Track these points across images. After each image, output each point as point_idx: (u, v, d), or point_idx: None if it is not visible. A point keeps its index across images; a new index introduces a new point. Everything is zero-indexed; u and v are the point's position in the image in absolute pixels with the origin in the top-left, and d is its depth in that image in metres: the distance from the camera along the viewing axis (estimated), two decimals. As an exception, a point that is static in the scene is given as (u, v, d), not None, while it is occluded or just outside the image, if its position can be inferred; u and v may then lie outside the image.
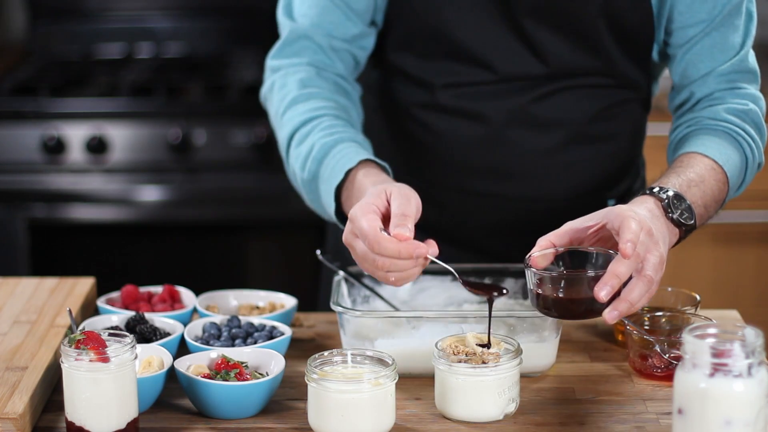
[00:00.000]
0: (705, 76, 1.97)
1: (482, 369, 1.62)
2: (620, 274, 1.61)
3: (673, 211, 1.77)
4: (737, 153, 1.93)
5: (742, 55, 1.97)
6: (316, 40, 2.03)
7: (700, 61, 1.97)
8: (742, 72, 1.98)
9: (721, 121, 1.95)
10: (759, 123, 1.98)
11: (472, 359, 1.62)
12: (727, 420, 1.41)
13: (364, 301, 1.94)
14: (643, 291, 1.63)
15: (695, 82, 1.99)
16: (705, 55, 1.97)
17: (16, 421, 1.58)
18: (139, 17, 3.81)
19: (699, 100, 2.00)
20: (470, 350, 1.64)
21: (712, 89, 1.98)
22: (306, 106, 1.98)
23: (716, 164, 1.89)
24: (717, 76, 1.97)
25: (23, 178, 3.31)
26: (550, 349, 1.79)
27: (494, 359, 1.62)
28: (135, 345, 1.58)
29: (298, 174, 1.95)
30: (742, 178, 1.97)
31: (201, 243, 3.45)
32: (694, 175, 1.85)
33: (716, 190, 1.89)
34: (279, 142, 2.01)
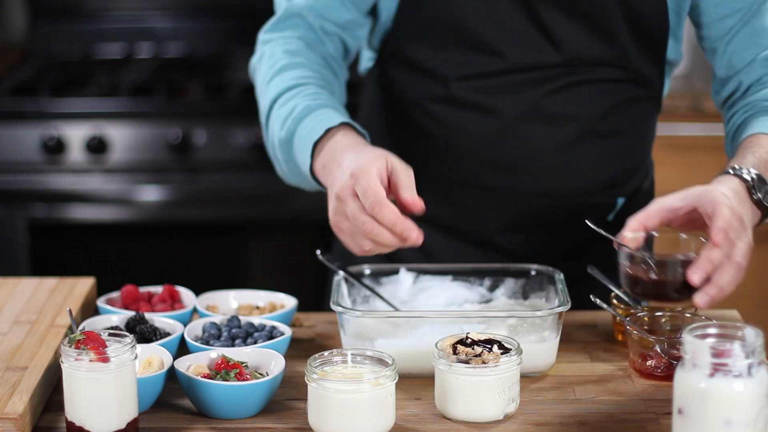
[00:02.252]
0: (751, 63, 1.97)
1: (482, 369, 1.61)
2: (713, 259, 1.63)
3: (757, 192, 1.76)
4: None
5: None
6: (309, 19, 2.05)
7: (744, 50, 1.97)
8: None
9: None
10: None
11: (472, 359, 1.62)
12: (727, 420, 1.41)
13: (364, 301, 1.94)
14: (733, 276, 1.66)
15: (742, 70, 1.98)
16: (748, 43, 1.96)
17: (16, 421, 1.58)
18: (139, 17, 3.81)
19: (749, 86, 1.99)
20: (470, 350, 1.64)
21: (760, 74, 1.97)
22: (293, 74, 1.98)
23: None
24: (763, 61, 1.97)
25: (23, 178, 3.31)
26: (550, 349, 1.79)
27: (494, 359, 1.62)
28: (135, 345, 1.58)
29: (276, 134, 1.94)
30: None
31: (201, 243, 3.45)
32: (766, 154, 1.82)
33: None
34: (260, 109, 2.01)
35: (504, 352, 1.63)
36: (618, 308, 1.88)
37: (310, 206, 3.26)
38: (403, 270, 1.97)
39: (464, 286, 1.95)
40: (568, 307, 1.79)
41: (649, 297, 1.70)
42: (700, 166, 3.33)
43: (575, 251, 2.13)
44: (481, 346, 1.64)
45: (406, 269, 1.97)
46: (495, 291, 1.95)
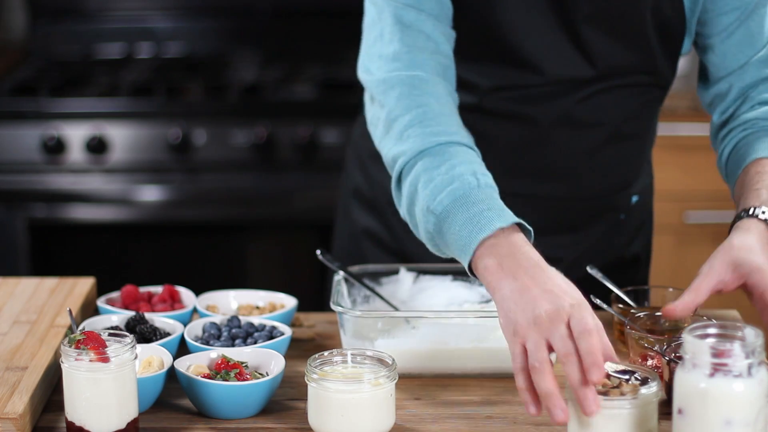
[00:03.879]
0: (744, 65, 1.94)
1: (620, 401, 1.50)
2: None
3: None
4: None
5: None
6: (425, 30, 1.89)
7: (739, 51, 1.94)
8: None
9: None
10: None
11: (610, 391, 1.51)
12: (727, 420, 1.41)
13: (364, 301, 1.94)
14: None
15: (734, 72, 1.96)
16: (744, 43, 1.94)
17: (16, 421, 1.58)
18: (139, 17, 3.81)
19: (738, 91, 1.96)
20: (607, 381, 1.52)
21: (753, 78, 1.94)
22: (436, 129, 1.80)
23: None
24: (757, 63, 1.94)
25: (23, 178, 3.31)
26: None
27: (632, 391, 1.51)
28: (135, 345, 1.58)
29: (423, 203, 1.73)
30: None
31: (201, 243, 3.45)
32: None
33: None
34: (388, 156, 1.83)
35: (642, 383, 1.52)
36: (618, 308, 1.88)
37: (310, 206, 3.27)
38: (403, 270, 1.97)
39: (464, 286, 1.95)
40: (568, 307, 1.79)
41: None
42: (700, 166, 3.34)
43: (593, 249, 2.13)
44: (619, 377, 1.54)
45: (406, 269, 1.97)
46: (495, 291, 1.95)
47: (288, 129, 3.26)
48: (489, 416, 1.67)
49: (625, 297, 1.90)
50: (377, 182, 2.20)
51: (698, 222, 3.38)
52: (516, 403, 1.71)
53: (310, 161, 3.29)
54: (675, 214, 3.37)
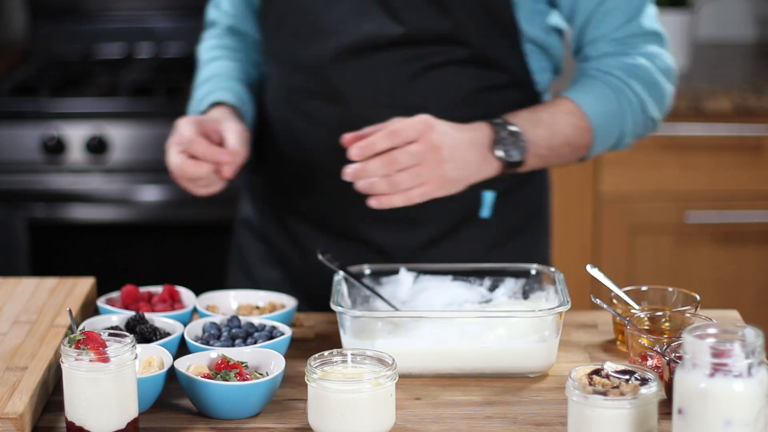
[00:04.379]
0: (596, 41, 2.03)
1: (620, 401, 1.51)
2: (366, 169, 1.84)
3: (499, 146, 1.91)
4: (609, 104, 1.99)
5: (638, 21, 2.01)
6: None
7: (593, 27, 2.02)
8: (638, 36, 2.02)
9: (605, 73, 2.02)
10: (649, 79, 2.03)
11: (610, 391, 1.52)
12: (727, 420, 1.41)
13: (364, 301, 1.94)
14: (385, 187, 1.83)
15: (588, 45, 2.04)
16: (599, 21, 2.01)
17: (16, 421, 1.58)
18: (139, 17, 3.81)
19: (593, 58, 2.05)
20: (606, 381, 1.54)
21: (603, 51, 2.03)
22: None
23: (579, 109, 1.97)
24: (609, 41, 2.02)
25: (23, 178, 3.31)
26: (550, 349, 1.79)
27: (632, 391, 1.52)
28: (135, 345, 1.58)
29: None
30: (619, 130, 2.01)
31: (201, 243, 3.45)
32: (547, 116, 1.96)
33: (571, 135, 1.97)
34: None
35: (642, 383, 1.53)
36: (618, 308, 1.88)
37: (310, 206, 3.26)
38: (403, 270, 1.97)
39: (464, 286, 1.95)
40: (568, 307, 1.79)
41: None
42: (700, 166, 3.34)
43: (436, 241, 2.14)
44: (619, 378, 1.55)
45: (406, 269, 1.97)
46: (495, 291, 1.95)
47: (288, 129, 3.26)
48: (489, 416, 1.67)
49: (625, 297, 1.90)
50: (265, 218, 2.25)
51: (698, 222, 3.38)
52: (516, 403, 1.71)
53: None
54: (675, 214, 3.38)
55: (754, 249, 3.41)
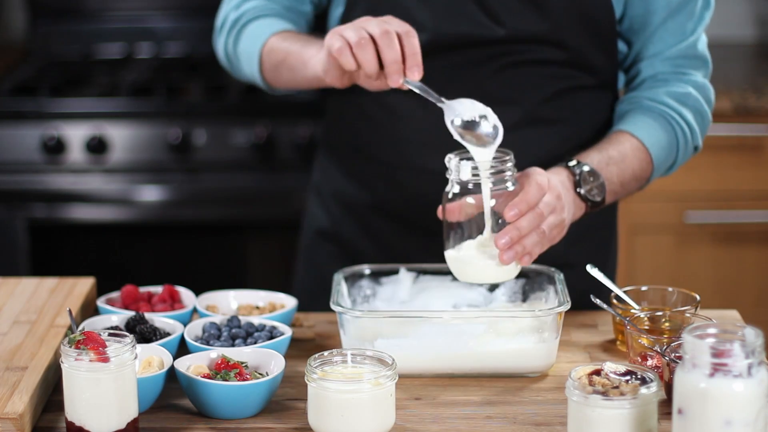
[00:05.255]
0: (652, 57, 2.04)
1: (620, 401, 1.51)
2: (519, 226, 1.78)
3: (583, 186, 1.91)
4: (668, 136, 2.02)
5: (692, 41, 2.04)
6: None
7: (651, 43, 2.04)
8: (689, 58, 2.05)
9: (659, 103, 2.03)
10: (699, 109, 2.06)
11: (610, 391, 1.53)
12: (727, 420, 1.41)
13: (364, 301, 1.94)
14: (537, 241, 1.79)
15: (643, 61, 2.05)
16: (656, 38, 2.03)
17: (16, 421, 1.58)
18: (139, 17, 3.81)
19: (644, 79, 2.06)
20: (606, 381, 1.55)
21: (657, 70, 2.05)
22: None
23: (642, 144, 1.99)
24: (663, 59, 2.04)
25: (23, 178, 3.31)
26: (550, 349, 1.79)
27: (632, 391, 1.52)
28: (135, 345, 1.58)
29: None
30: (673, 159, 2.05)
31: (201, 243, 3.45)
32: (616, 153, 1.97)
33: (638, 169, 2.00)
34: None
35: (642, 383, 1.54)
36: (618, 308, 1.88)
37: (310, 206, 3.26)
38: (403, 270, 1.97)
39: (464, 286, 1.95)
40: (568, 307, 1.79)
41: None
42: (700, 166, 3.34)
43: None
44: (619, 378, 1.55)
45: (406, 269, 1.97)
46: (495, 291, 1.95)
47: (288, 129, 3.26)
48: (489, 416, 1.67)
49: (625, 297, 1.90)
50: (341, 221, 2.22)
51: (698, 222, 3.38)
52: (516, 403, 1.71)
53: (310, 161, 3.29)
54: (675, 214, 3.38)
55: (754, 249, 3.41)
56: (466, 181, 1.81)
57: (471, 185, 1.81)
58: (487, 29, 2.01)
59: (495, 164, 1.80)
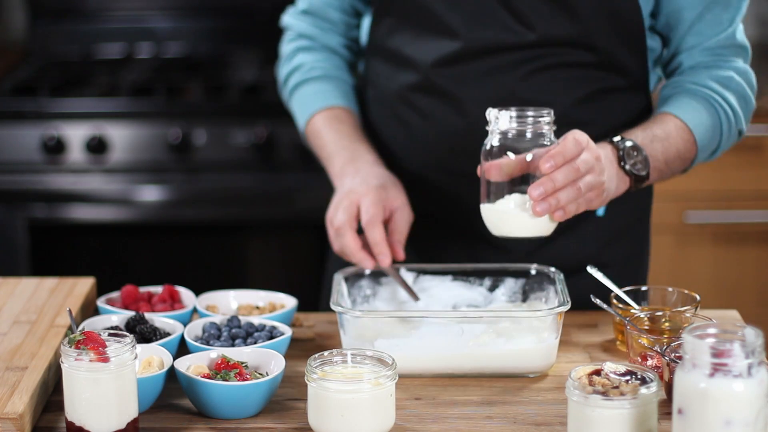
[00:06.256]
0: (691, 48, 2.04)
1: (620, 401, 1.51)
2: (554, 178, 1.77)
3: (627, 161, 1.90)
4: (711, 118, 2.02)
5: (730, 32, 2.04)
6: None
7: (689, 35, 2.04)
8: (730, 47, 2.05)
9: (702, 87, 2.03)
10: (742, 92, 2.05)
11: (610, 391, 1.53)
12: (727, 420, 1.41)
13: (364, 301, 1.94)
14: (572, 197, 1.78)
15: (683, 53, 2.05)
16: (694, 31, 2.03)
17: (16, 421, 1.58)
18: (139, 17, 3.81)
19: (686, 69, 2.07)
20: (606, 382, 1.55)
21: (697, 60, 2.05)
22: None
23: (685, 125, 1.99)
24: (703, 50, 2.04)
25: (23, 178, 3.31)
26: (550, 349, 1.79)
27: (632, 391, 1.52)
28: (135, 345, 1.58)
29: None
30: (717, 142, 2.06)
31: (201, 243, 3.44)
32: (660, 131, 1.97)
33: (682, 149, 2.00)
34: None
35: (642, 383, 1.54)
36: (618, 308, 1.88)
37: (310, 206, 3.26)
38: (403, 270, 1.97)
39: (464, 286, 1.95)
40: (568, 307, 1.79)
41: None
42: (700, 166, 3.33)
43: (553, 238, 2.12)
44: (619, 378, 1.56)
45: (406, 269, 1.97)
46: (495, 291, 1.95)
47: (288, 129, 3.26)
48: (489, 416, 1.67)
49: (625, 297, 1.90)
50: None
51: (698, 222, 3.38)
52: (516, 403, 1.71)
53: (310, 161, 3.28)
54: (675, 214, 3.38)
55: (754, 249, 3.41)
56: (505, 131, 1.81)
57: (510, 136, 1.81)
58: (518, 34, 2.00)
59: (535, 113, 1.81)
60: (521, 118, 1.81)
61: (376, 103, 2.18)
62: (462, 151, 2.05)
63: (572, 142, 1.78)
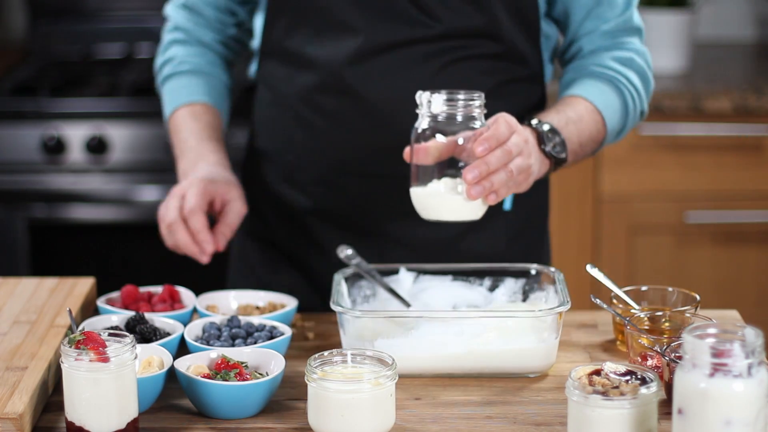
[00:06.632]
0: (590, 33, 2.06)
1: (620, 401, 1.51)
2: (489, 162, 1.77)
3: (546, 143, 1.90)
4: (618, 98, 2.04)
5: (628, 15, 2.07)
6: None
7: (588, 20, 2.06)
8: (627, 30, 2.07)
9: (605, 68, 2.05)
10: (643, 73, 2.08)
11: (610, 391, 1.52)
12: (727, 420, 1.41)
13: (364, 301, 1.94)
14: (505, 180, 1.78)
15: (582, 38, 2.07)
16: (593, 15, 2.05)
17: (16, 421, 1.58)
18: (139, 17, 3.81)
19: (586, 53, 2.08)
20: (606, 382, 1.55)
21: (597, 45, 2.07)
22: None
23: (594, 107, 2.01)
24: (602, 34, 2.06)
25: (23, 178, 3.31)
26: (550, 349, 1.79)
27: (632, 391, 1.52)
28: (135, 345, 1.58)
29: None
30: (623, 123, 2.07)
31: (201, 243, 3.44)
32: (573, 114, 1.98)
33: (594, 131, 2.01)
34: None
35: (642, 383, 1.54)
36: (618, 308, 1.88)
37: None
38: (403, 270, 1.97)
39: (464, 286, 1.95)
40: (568, 307, 1.79)
41: None
42: (700, 166, 3.34)
43: (464, 234, 2.13)
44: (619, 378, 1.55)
45: (406, 269, 1.97)
46: (495, 291, 1.95)
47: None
48: (489, 416, 1.67)
49: (625, 297, 1.90)
50: (275, 226, 2.22)
51: (698, 222, 3.38)
52: (516, 403, 1.71)
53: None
54: (675, 214, 3.38)
55: (754, 249, 3.41)
56: (436, 114, 1.81)
57: (440, 119, 1.81)
58: (424, 27, 2.00)
59: (466, 96, 1.81)
60: (452, 101, 1.81)
61: (272, 106, 2.17)
62: (371, 151, 2.04)
63: (504, 125, 1.79)
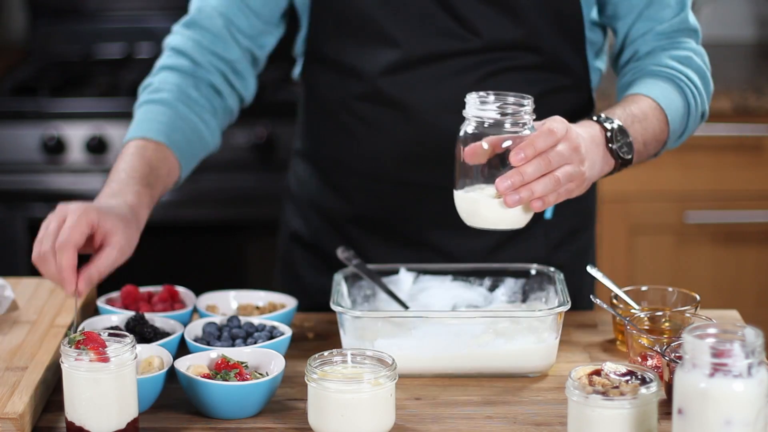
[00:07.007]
0: (645, 34, 2.02)
1: (620, 401, 1.51)
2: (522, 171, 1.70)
3: (615, 142, 1.84)
4: (680, 97, 1.99)
5: (683, 15, 2.03)
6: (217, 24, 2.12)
7: (640, 22, 2.02)
8: (683, 30, 2.04)
9: (665, 67, 2.00)
10: (701, 72, 2.03)
11: (610, 391, 1.52)
12: (727, 420, 1.41)
13: (364, 301, 1.94)
14: (548, 186, 1.71)
15: (637, 40, 2.03)
16: (645, 17, 2.02)
17: (16, 421, 1.58)
18: (139, 17, 3.81)
19: (643, 54, 2.04)
20: (606, 382, 1.55)
21: (654, 45, 2.03)
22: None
23: (658, 105, 1.95)
24: (657, 34, 2.02)
25: (23, 178, 3.31)
26: (550, 349, 1.79)
27: (632, 391, 1.52)
28: (135, 345, 1.58)
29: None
30: (685, 124, 2.01)
31: (201, 243, 3.44)
32: (638, 111, 1.92)
33: (657, 130, 1.94)
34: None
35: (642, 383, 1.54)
36: (618, 308, 1.88)
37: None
38: (403, 270, 1.97)
39: (464, 286, 1.95)
40: (568, 307, 1.79)
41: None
42: (700, 166, 3.34)
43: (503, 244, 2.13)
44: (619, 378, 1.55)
45: (406, 269, 1.97)
46: (495, 291, 1.95)
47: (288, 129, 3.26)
48: (489, 416, 1.67)
49: (626, 297, 1.90)
50: (319, 230, 2.21)
51: (698, 222, 3.38)
52: (516, 403, 1.71)
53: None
54: (675, 214, 3.38)
55: (754, 249, 3.41)
56: (484, 117, 1.75)
57: (487, 124, 1.75)
58: (464, 40, 2.00)
59: (515, 101, 1.76)
60: (501, 105, 1.76)
61: (315, 110, 2.16)
62: (410, 159, 2.05)
63: (545, 133, 1.72)
